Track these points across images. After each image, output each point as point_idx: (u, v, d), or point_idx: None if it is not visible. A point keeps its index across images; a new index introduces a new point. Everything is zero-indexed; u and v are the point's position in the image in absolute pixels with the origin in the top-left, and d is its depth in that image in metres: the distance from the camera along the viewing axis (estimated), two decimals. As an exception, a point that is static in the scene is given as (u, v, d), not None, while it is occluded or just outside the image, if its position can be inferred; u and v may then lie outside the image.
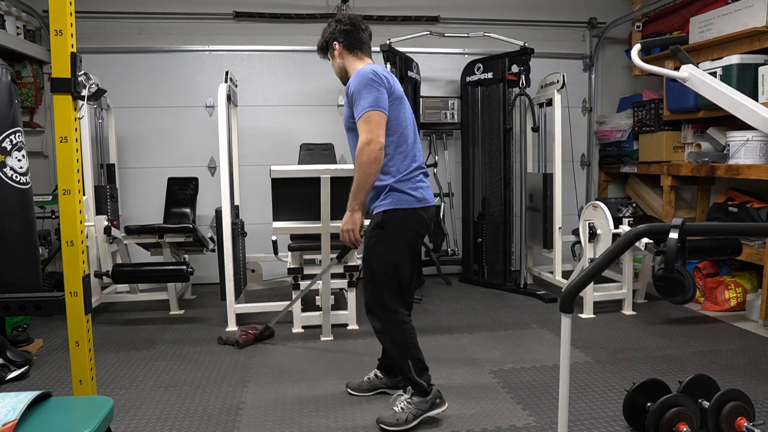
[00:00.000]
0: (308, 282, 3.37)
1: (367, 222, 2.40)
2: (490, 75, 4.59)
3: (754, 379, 2.74)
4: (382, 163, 2.25)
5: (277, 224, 3.24)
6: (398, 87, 2.35)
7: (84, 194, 2.37)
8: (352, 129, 2.32)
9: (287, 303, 3.49)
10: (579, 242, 4.07)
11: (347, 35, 2.42)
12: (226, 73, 3.77)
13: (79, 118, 1.85)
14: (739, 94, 2.20)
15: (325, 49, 2.50)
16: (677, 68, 2.31)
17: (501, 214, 4.61)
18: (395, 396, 2.44)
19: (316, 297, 3.86)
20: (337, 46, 2.43)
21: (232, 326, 3.64)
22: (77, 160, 1.83)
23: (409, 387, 2.35)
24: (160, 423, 2.37)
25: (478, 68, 4.67)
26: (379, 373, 2.65)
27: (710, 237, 3.58)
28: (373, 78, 2.23)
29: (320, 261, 3.52)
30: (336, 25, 2.44)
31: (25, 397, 1.40)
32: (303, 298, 3.49)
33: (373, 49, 4.79)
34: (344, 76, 2.45)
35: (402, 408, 2.32)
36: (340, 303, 3.98)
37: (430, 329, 3.60)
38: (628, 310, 3.90)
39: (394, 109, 2.29)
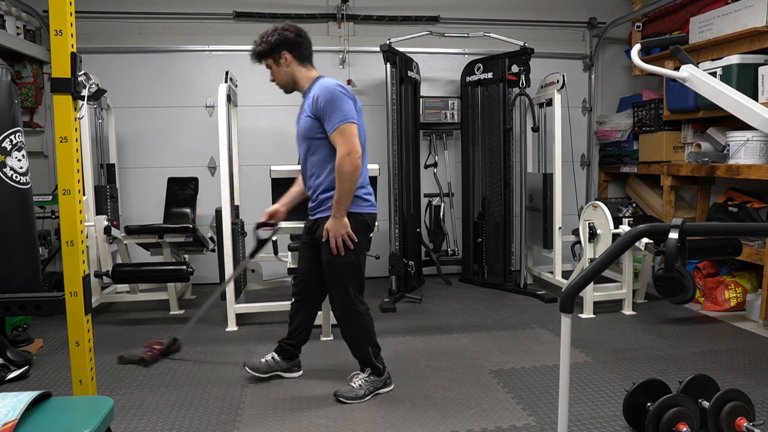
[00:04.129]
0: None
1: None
2: (490, 75, 4.59)
3: (754, 379, 2.74)
4: None
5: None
6: (358, 101, 2.49)
7: (84, 194, 2.37)
8: (312, 139, 2.45)
9: (279, 302, 3.47)
10: (579, 242, 4.07)
11: (299, 47, 2.50)
12: (226, 73, 3.77)
13: (79, 118, 1.85)
14: (739, 94, 2.20)
15: (266, 55, 2.50)
16: (677, 68, 2.31)
17: (501, 214, 4.62)
18: (353, 374, 2.64)
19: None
20: (288, 56, 2.48)
21: (232, 326, 3.64)
22: (77, 160, 1.83)
23: (368, 368, 2.59)
24: (160, 423, 2.37)
25: (478, 68, 4.67)
26: (277, 357, 2.80)
27: (710, 237, 3.59)
28: (342, 92, 2.39)
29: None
30: (285, 33, 2.47)
31: (25, 397, 1.40)
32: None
33: (373, 49, 4.81)
34: (290, 85, 2.56)
35: (360, 384, 2.57)
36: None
37: (430, 329, 3.60)
38: (628, 310, 3.90)
39: (358, 120, 2.43)
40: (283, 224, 3.22)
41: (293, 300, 2.80)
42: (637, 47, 2.38)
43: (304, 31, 2.52)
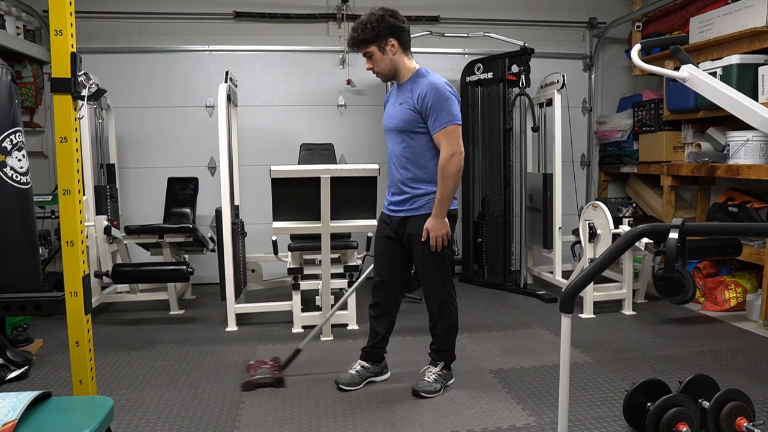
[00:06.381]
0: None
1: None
2: (490, 75, 4.59)
3: (754, 379, 2.74)
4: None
5: (277, 224, 3.24)
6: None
7: (84, 194, 2.37)
8: (409, 132, 2.44)
9: (279, 302, 3.47)
10: (579, 242, 4.07)
11: (406, 34, 2.43)
12: (226, 73, 3.77)
13: (79, 118, 1.85)
14: (739, 94, 2.20)
15: (370, 42, 2.37)
16: (677, 68, 2.31)
17: (501, 214, 4.61)
18: (425, 369, 2.69)
19: (316, 297, 3.86)
20: (395, 43, 2.40)
21: (232, 326, 3.64)
22: (77, 160, 1.83)
23: (441, 362, 2.66)
24: (160, 423, 2.37)
25: (478, 68, 4.67)
26: (365, 364, 2.77)
27: (710, 237, 3.59)
28: (451, 92, 2.42)
29: (320, 261, 3.53)
30: (392, 19, 2.38)
31: (25, 397, 1.40)
32: (303, 298, 3.49)
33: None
34: (391, 74, 2.47)
35: (435, 378, 2.63)
36: (340, 303, 3.98)
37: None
38: (628, 310, 3.90)
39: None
40: (283, 225, 3.22)
41: (374, 303, 2.69)
42: (637, 47, 2.38)
43: (404, 18, 2.44)
